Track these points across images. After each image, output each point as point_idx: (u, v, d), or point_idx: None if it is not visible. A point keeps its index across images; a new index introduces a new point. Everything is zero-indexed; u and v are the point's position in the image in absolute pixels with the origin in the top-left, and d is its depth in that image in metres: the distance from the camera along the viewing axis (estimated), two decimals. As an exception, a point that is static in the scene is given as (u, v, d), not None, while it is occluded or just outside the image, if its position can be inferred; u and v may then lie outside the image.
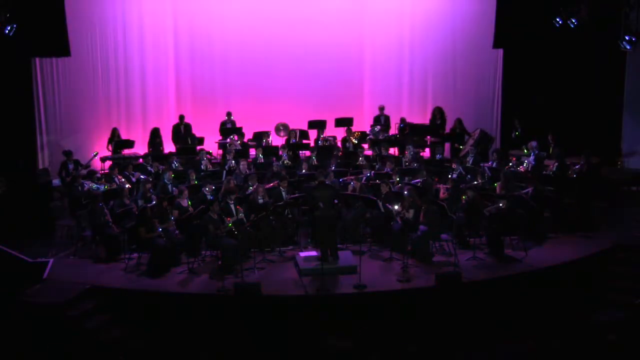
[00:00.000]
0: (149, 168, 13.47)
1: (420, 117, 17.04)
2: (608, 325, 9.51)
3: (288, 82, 16.84)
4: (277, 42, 16.61)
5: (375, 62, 17.38)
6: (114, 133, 15.20)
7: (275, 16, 16.52)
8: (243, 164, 12.99)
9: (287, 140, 15.65)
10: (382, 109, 16.56)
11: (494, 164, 13.72)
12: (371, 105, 16.91)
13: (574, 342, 9.07)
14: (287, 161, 14.03)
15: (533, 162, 13.52)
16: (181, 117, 15.72)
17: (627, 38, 13.44)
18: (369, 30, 17.19)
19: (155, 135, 15.42)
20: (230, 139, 15.11)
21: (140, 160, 14.35)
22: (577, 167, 12.75)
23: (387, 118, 16.52)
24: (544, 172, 12.98)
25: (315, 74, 16.88)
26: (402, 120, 16.31)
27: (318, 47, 16.77)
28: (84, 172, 13.15)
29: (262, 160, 14.10)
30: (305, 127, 16.08)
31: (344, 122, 16.12)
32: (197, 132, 15.84)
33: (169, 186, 12.05)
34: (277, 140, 16.08)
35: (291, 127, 16.04)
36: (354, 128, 16.01)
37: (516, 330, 9.38)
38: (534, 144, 13.90)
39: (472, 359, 8.96)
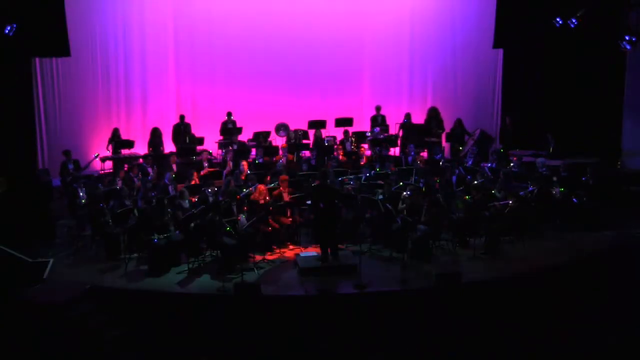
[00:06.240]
0: (149, 169, 13.46)
1: (421, 117, 17.04)
2: (607, 326, 9.52)
3: (288, 82, 16.87)
4: (278, 42, 16.63)
5: (375, 63, 17.40)
6: (115, 133, 15.19)
7: (276, 17, 16.53)
8: (243, 165, 12.98)
9: (288, 141, 15.64)
10: (378, 108, 16.56)
11: (494, 164, 13.71)
12: (371, 105, 16.90)
13: (573, 342, 9.08)
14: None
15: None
16: (181, 117, 15.72)
17: (627, 38, 13.44)
18: (369, 30, 17.20)
19: (155, 135, 15.42)
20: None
21: (140, 160, 14.34)
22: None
23: (383, 118, 16.51)
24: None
25: (315, 74, 16.92)
26: (407, 116, 16.28)
27: (318, 47, 16.80)
28: (84, 173, 13.16)
29: (262, 160, 14.11)
30: (305, 127, 16.09)
31: (344, 122, 16.13)
32: (197, 132, 15.84)
33: (169, 187, 12.05)
34: (277, 140, 16.08)
35: (291, 127, 16.05)
36: (354, 128, 16.02)
37: (516, 330, 9.38)
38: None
39: (471, 359, 8.96)
